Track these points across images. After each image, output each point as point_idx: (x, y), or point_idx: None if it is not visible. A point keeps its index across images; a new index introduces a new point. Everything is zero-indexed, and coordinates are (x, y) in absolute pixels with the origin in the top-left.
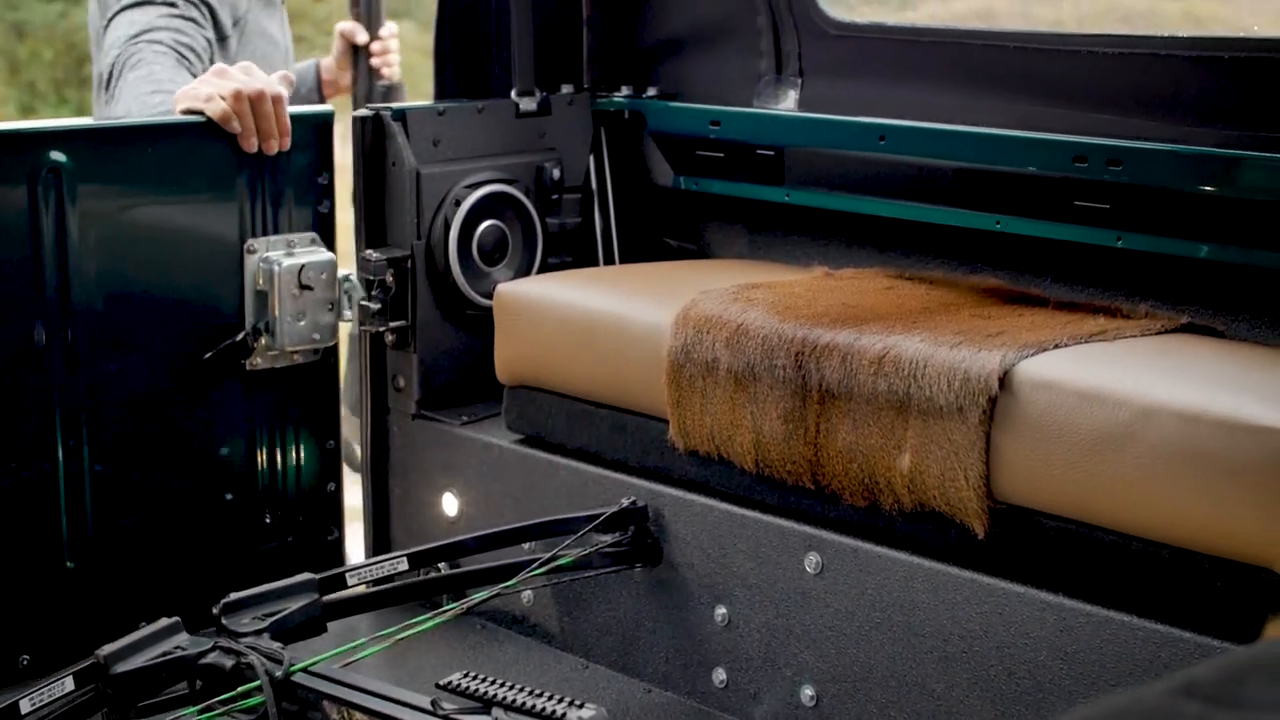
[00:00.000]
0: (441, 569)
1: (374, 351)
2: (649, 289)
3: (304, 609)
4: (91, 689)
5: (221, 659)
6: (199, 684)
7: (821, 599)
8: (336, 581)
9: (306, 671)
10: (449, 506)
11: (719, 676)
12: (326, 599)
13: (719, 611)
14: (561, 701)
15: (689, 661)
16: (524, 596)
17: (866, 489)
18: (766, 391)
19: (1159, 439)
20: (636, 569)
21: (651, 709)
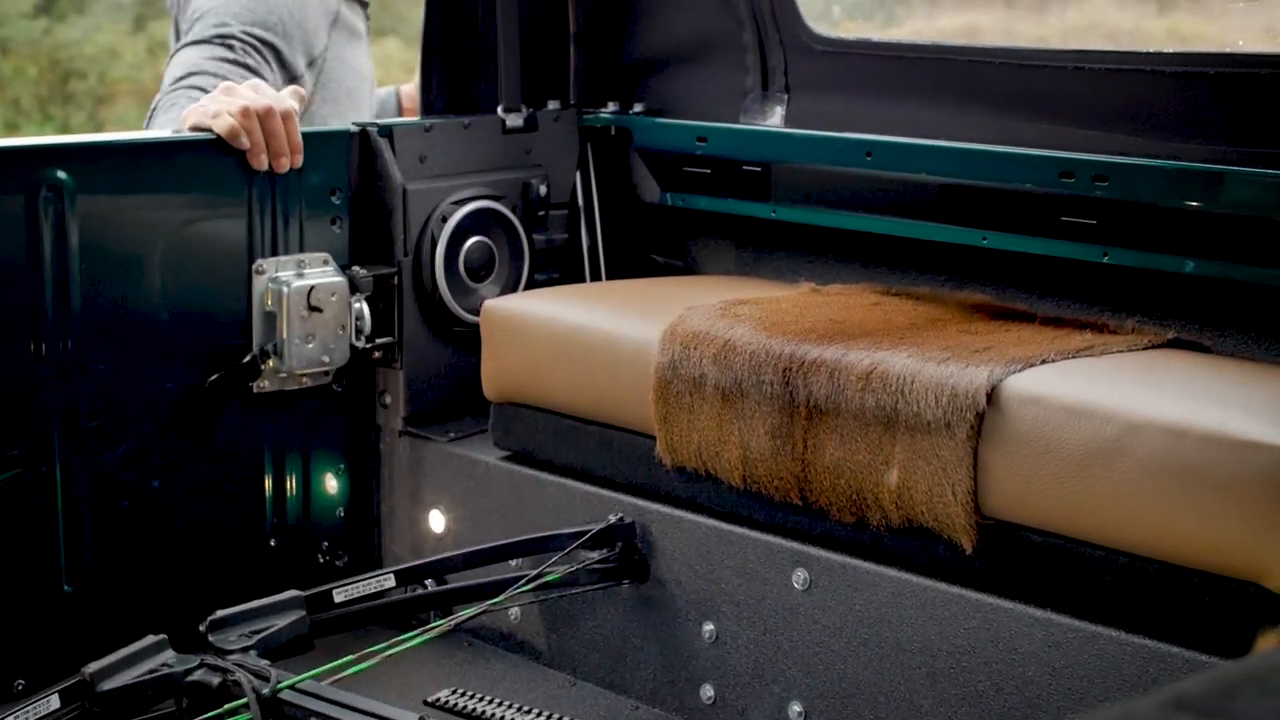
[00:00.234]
0: (429, 586)
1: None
2: (636, 305)
3: (291, 626)
4: (78, 707)
5: (208, 676)
6: (185, 701)
7: (809, 615)
8: (324, 598)
9: (293, 689)
10: (436, 523)
11: (707, 693)
12: (314, 616)
13: (707, 628)
14: (549, 718)
15: (676, 678)
16: (511, 613)
17: (854, 505)
18: (754, 407)
19: (1146, 454)
20: (624, 585)
21: None
